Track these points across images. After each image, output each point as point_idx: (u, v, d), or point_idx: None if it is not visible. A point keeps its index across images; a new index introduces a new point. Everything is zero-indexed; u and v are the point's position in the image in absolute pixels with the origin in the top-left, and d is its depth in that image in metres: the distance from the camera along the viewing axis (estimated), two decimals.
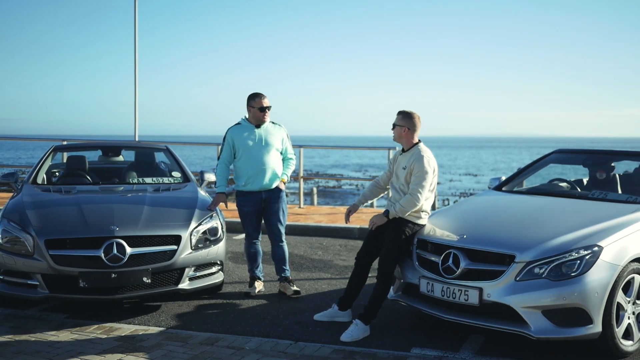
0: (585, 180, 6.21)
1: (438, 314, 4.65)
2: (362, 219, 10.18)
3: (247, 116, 5.98)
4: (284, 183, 6.02)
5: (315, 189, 14.40)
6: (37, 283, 5.08)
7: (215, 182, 6.27)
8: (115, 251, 5.04)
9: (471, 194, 30.53)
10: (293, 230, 9.61)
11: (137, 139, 15.75)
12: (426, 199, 5.01)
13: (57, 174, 7.38)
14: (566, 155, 6.30)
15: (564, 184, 6.14)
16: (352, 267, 7.28)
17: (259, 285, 6.13)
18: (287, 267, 6.12)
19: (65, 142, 12.81)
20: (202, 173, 7.05)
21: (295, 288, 6.03)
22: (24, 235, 5.14)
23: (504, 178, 6.22)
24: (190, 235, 5.40)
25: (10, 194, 13.80)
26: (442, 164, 62.88)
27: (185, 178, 6.92)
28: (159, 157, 7.70)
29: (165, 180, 6.87)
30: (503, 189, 5.99)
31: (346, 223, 5.40)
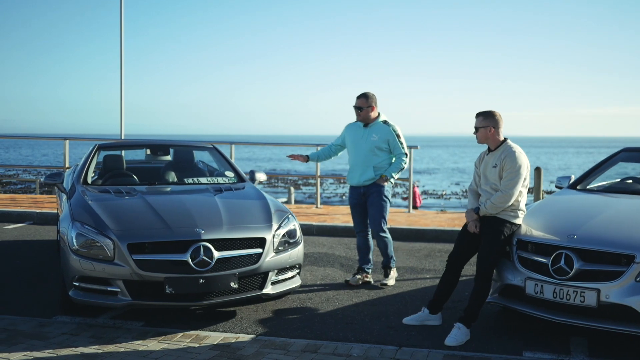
0: None
1: (548, 316, 4.52)
2: (389, 219, 10.04)
3: None
4: (385, 180, 6.16)
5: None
6: (119, 290, 4.76)
7: (264, 182, 6.37)
8: (202, 255, 4.77)
9: None
10: (322, 231, 9.44)
11: (122, 137, 15.36)
12: (520, 196, 4.88)
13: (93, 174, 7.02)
14: (636, 153, 6.26)
15: (629, 181, 6.11)
16: (403, 268, 7.18)
17: (360, 278, 6.30)
18: (388, 258, 6.33)
19: (67, 140, 12.37)
20: (252, 172, 6.79)
21: (385, 282, 6.29)
22: (103, 239, 4.82)
23: (573, 177, 6.16)
24: (273, 237, 5.16)
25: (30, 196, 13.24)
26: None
27: (239, 178, 6.65)
28: (197, 156, 7.41)
29: (220, 179, 6.59)
30: (578, 187, 5.92)
31: (476, 231, 4.90)
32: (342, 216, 10.42)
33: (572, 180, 6.11)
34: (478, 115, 4.97)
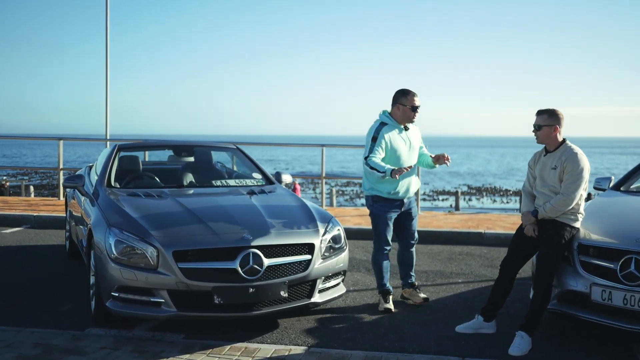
0: None
1: (619, 324, 4.35)
2: None
3: (389, 112, 5.41)
4: (449, 161, 5.35)
5: (333, 190, 13.96)
6: (162, 300, 4.46)
7: (290, 184, 5.94)
8: (251, 263, 4.50)
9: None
10: None
11: (107, 137, 14.95)
12: (580, 199, 4.70)
13: None
14: None
15: None
16: (431, 272, 6.99)
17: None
18: (414, 273, 5.76)
19: (62, 141, 11.93)
20: (278, 174, 6.52)
21: (424, 295, 5.67)
22: (144, 245, 4.51)
23: (613, 178, 6.04)
24: (321, 243, 4.91)
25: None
26: None
27: (267, 179, 6.38)
28: (215, 157, 7.11)
29: (248, 181, 6.30)
30: (621, 189, 5.79)
31: (534, 235, 4.72)
32: (352, 218, 10.20)
33: (612, 182, 5.98)
34: (542, 112, 4.71)
